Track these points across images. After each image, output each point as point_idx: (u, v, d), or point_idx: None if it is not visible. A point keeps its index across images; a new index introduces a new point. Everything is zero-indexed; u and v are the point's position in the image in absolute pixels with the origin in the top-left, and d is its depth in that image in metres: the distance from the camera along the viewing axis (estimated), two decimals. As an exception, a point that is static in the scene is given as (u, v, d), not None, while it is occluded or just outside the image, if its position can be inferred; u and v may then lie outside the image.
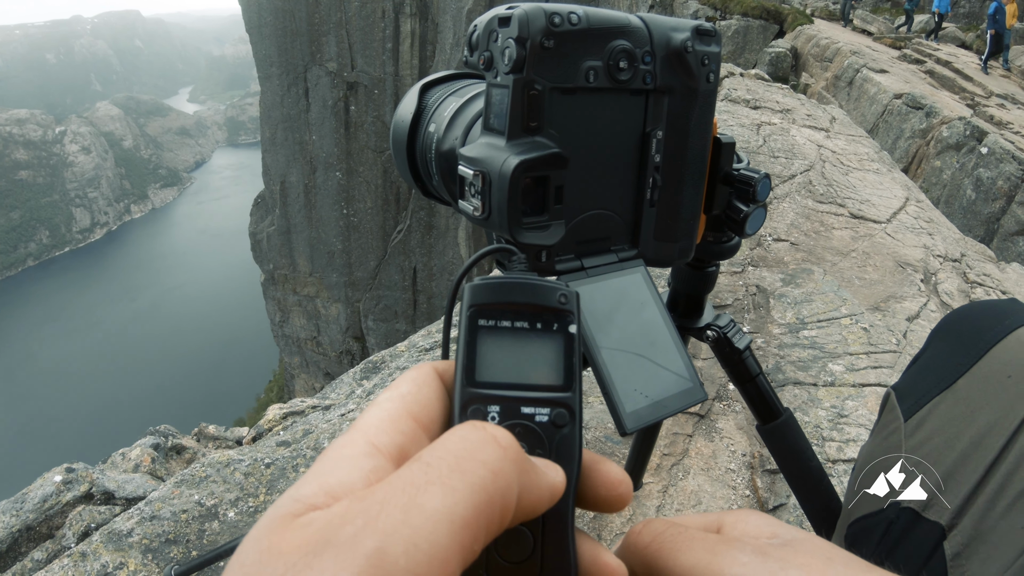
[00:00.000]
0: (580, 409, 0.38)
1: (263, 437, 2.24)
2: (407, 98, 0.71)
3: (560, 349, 0.38)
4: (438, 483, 0.27)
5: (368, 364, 2.73)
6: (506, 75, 0.50)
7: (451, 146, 0.63)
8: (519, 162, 0.48)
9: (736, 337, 0.93)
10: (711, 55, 0.58)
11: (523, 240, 0.51)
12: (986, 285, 3.86)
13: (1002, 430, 0.79)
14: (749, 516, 0.41)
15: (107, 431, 43.60)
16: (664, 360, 0.54)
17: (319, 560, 0.25)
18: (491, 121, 0.52)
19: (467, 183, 0.52)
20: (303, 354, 30.46)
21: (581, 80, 0.51)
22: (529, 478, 0.31)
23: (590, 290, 0.55)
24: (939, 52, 14.50)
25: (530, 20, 0.48)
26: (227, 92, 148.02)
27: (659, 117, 0.57)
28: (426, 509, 0.26)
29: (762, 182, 0.71)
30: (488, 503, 0.28)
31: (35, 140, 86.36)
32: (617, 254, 0.58)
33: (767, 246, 3.68)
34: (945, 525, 0.77)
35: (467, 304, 0.38)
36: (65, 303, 66.99)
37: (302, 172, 26.47)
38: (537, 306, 0.39)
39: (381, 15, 23.59)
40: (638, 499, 1.95)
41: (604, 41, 0.52)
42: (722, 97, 6.58)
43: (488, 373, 0.37)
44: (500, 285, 0.39)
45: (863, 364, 2.58)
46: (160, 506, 1.77)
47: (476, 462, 0.29)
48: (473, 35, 0.55)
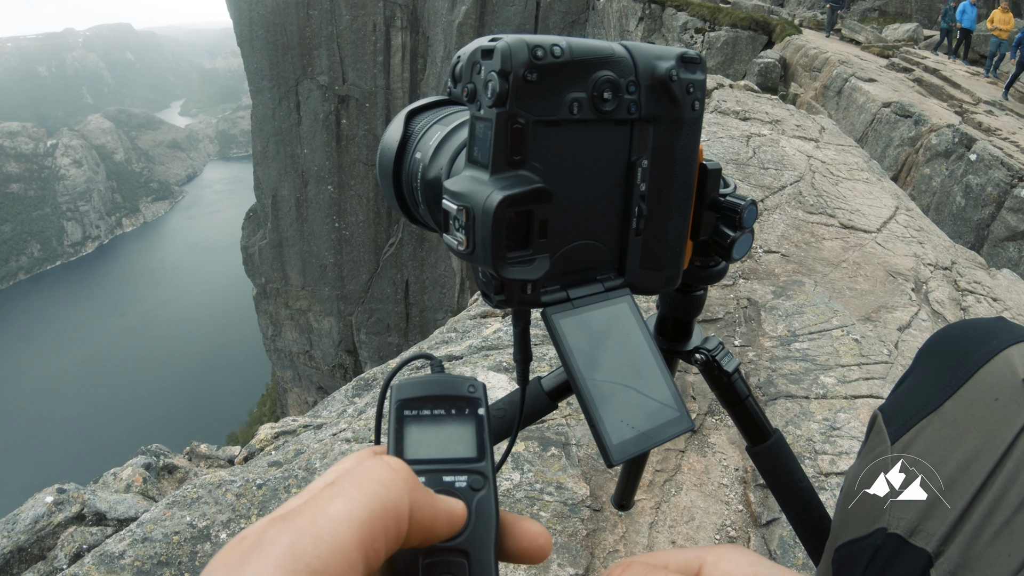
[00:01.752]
0: (493, 474, 0.44)
1: (255, 457, 2.22)
2: (393, 125, 0.71)
3: (472, 428, 0.45)
4: (340, 495, 0.34)
5: (360, 381, 2.72)
6: (489, 108, 0.49)
7: (436, 175, 0.63)
8: (503, 198, 0.48)
9: (725, 360, 0.93)
10: (696, 83, 0.57)
11: (507, 275, 0.50)
12: (977, 292, 3.88)
13: (989, 455, 0.79)
14: (731, 555, 0.41)
15: (99, 447, 43.28)
16: (650, 390, 0.54)
17: (249, 560, 0.31)
18: (475, 154, 0.52)
19: (451, 217, 0.51)
20: (296, 368, 30.35)
21: (565, 112, 0.51)
22: (422, 497, 0.37)
23: (576, 321, 0.54)
24: (927, 60, 14.63)
25: (513, 53, 0.48)
26: (219, 105, 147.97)
27: (644, 146, 0.57)
28: (329, 513, 0.33)
29: (748, 209, 0.71)
30: (382, 509, 0.34)
31: (27, 153, 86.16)
32: (603, 283, 0.58)
33: (758, 258, 3.70)
34: (932, 552, 0.76)
35: (394, 400, 0.46)
36: (56, 317, 66.62)
37: (294, 185, 26.46)
38: (450, 396, 0.46)
39: (372, 28, 23.66)
40: (631, 516, 1.94)
41: (588, 72, 0.52)
42: (712, 109, 6.62)
43: (414, 451, 0.44)
44: (420, 383, 0.46)
45: (855, 376, 2.59)
46: (152, 528, 1.76)
47: (371, 479, 0.35)
48: (456, 67, 0.55)
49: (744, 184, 4.70)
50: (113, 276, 75.67)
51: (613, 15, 19.98)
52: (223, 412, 45.83)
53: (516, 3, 21.91)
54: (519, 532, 0.42)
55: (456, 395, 0.46)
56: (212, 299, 65.48)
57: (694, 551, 0.43)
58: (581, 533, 1.84)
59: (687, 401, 2.41)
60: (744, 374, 2.59)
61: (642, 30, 18.53)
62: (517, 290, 0.53)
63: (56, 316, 66.86)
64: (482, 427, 0.45)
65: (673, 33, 17.67)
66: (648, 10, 18.43)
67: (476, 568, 0.39)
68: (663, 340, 0.97)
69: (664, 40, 18.04)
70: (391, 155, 0.70)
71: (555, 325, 0.53)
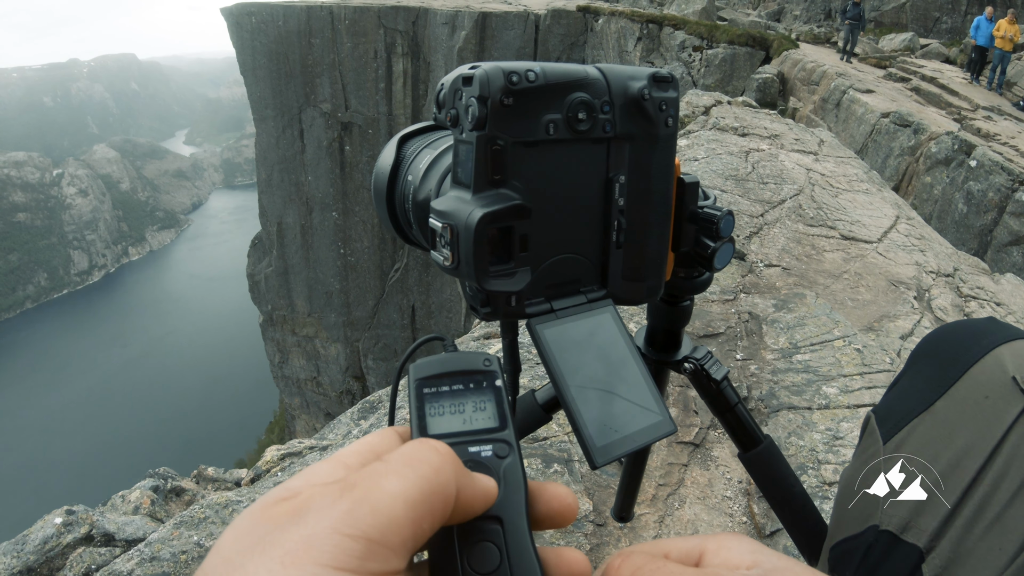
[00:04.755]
0: (517, 442, 0.45)
1: (261, 478, 2.24)
2: (387, 149, 0.74)
3: (492, 399, 0.47)
4: (395, 472, 0.36)
5: (365, 404, 2.73)
6: (470, 132, 0.52)
7: (426, 196, 0.66)
8: (483, 215, 0.51)
9: (713, 368, 0.96)
10: (668, 100, 0.60)
11: (490, 288, 0.53)
12: (980, 298, 3.88)
13: (980, 452, 0.80)
14: (731, 542, 0.43)
15: (108, 474, 43.15)
16: (633, 395, 0.56)
17: (303, 518, 0.32)
18: (459, 175, 0.55)
19: (438, 235, 0.54)
20: (303, 395, 30.27)
21: (542, 133, 0.54)
22: (465, 479, 0.39)
23: (559, 331, 0.57)
24: (924, 69, 14.69)
25: (490, 80, 0.51)
26: (223, 134, 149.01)
27: (621, 163, 0.60)
28: (385, 488, 0.34)
29: (725, 219, 0.74)
30: (432, 491, 0.36)
31: (33, 183, 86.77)
32: (586, 295, 0.61)
33: (759, 272, 3.71)
34: (923, 548, 0.78)
35: (413, 379, 0.47)
36: (65, 345, 66.72)
37: (299, 213, 26.54)
38: (467, 371, 0.48)
39: (373, 56, 23.87)
40: (634, 530, 1.94)
41: (563, 95, 0.55)
42: (710, 126, 6.67)
43: (437, 427, 0.45)
44: (437, 361, 0.48)
45: (857, 385, 2.59)
46: (160, 547, 1.78)
47: (422, 461, 0.37)
48: (440, 94, 0.58)
49: (743, 199, 4.72)
50: (120, 305, 75.83)
51: (611, 36, 20.14)
52: (232, 439, 45.71)
53: (515, 27, 22.10)
54: (547, 496, 0.44)
55: (473, 369, 0.48)
56: (219, 327, 65.55)
57: (694, 539, 0.44)
58: (584, 548, 1.85)
59: (689, 416, 2.42)
60: (746, 386, 2.61)
61: (640, 50, 18.66)
62: (502, 302, 0.55)
63: (64, 344, 67.00)
64: (501, 398, 0.47)
65: (671, 52, 17.79)
66: (646, 30, 18.57)
67: (511, 532, 0.41)
68: (653, 351, 0.99)
69: (663, 59, 18.17)
70: (384, 178, 0.73)
71: (538, 335, 0.56)
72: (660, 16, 18.95)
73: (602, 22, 20.73)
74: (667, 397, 2.55)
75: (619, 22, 19.68)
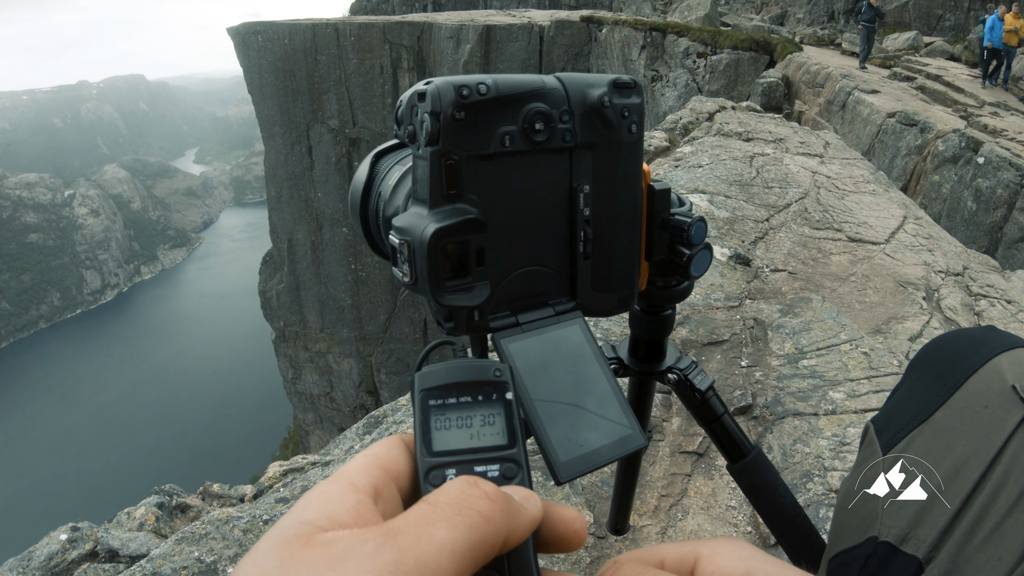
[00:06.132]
0: (526, 461, 0.43)
1: (263, 494, 2.24)
2: (361, 167, 0.74)
3: (501, 414, 0.45)
4: (444, 520, 0.34)
5: (371, 419, 2.73)
6: (425, 147, 0.52)
7: (394, 212, 0.65)
8: (435, 230, 0.50)
9: (697, 379, 0.94)
10: (631, 107, 0.60)
11: (447, 303, 0.52)
12: (990, 296, 3.84)
13: (979, 461, 0.79)
14: (726, 548, 0.41)
15: (119, 492, 43.28)
16: (601, 409, 0.55)
17: (343, 566, 0.31)
18: (417, 191, 0.54)
19: (397, 251, 0.54)
20: (317, 410, 30.33)
21: (497, 146, 0.53)
22: (514, 521, 0.37)
23: (524, 345, 0.56)
24: (928, 67, 14.63)
25: (441, 94, 0.51)
26: (232, 152, 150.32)
27: (584, 172, 0.59)
28: (434, 538, 0.33)
29: (696, 225, 0.73)
30: (480, 542, 0.34)
31: (44, 203, 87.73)
32: (554, 307, 0.60)
33: (764, 277, 3.69)
34: (922, 558, 0.76)
35: (417, 390, 0.45)
36: (78, 365, 67.20)
37: (309, 229, 26.67)
38: (475, 382, 0.46)
39: (379, 71, 24.02)
40: (636, 542, 1.92)
41: (518, 106, 0.54)
42: (714, 132, 6.66)
43: (442, 443, 0.43)
44: (443, 370, 0.46)
45: (864, 389, 2.56)
46: (161, 563, 1.78)
47: (472, 509, 0.35)
48: (399, 110, 0.58)
49: (748, 204, 4.70)
50: (134, 324, 76.37)
51: (615, 45, 20.20)
52: (246, 456, 45.83)
53: (520, 39, 22.20)
54: (554, 519, 0.41)
55: (482, 380, 0.46)
56: (232, 344, 65.86)
57: (689, 545, 0.43)
58: (585, 560, 1.84)
59: (692, 425, 2.40)
60: (751, 393, 2.58)
61: (644, 58, 18.70)
62: (464, 317, 0.55)
63: (78, 363, 67.51)
64: (511, 411, 0.45)
65: (675, 59, 17.81)
66: (650, 38, 18.61)
67: (515, 559, 0.39)
68: (636, 362, 0.98)
69: (667, 66, 18.19)
70: (358, 195, 0.73)
71: (503, 349, 0.55)
72: (663, 24, 18.99)
73: (606, 31, 20.80)
74: (669, 406, 2.53)
75: (623, 31, 19.73)
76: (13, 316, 77.91)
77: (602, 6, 30.70)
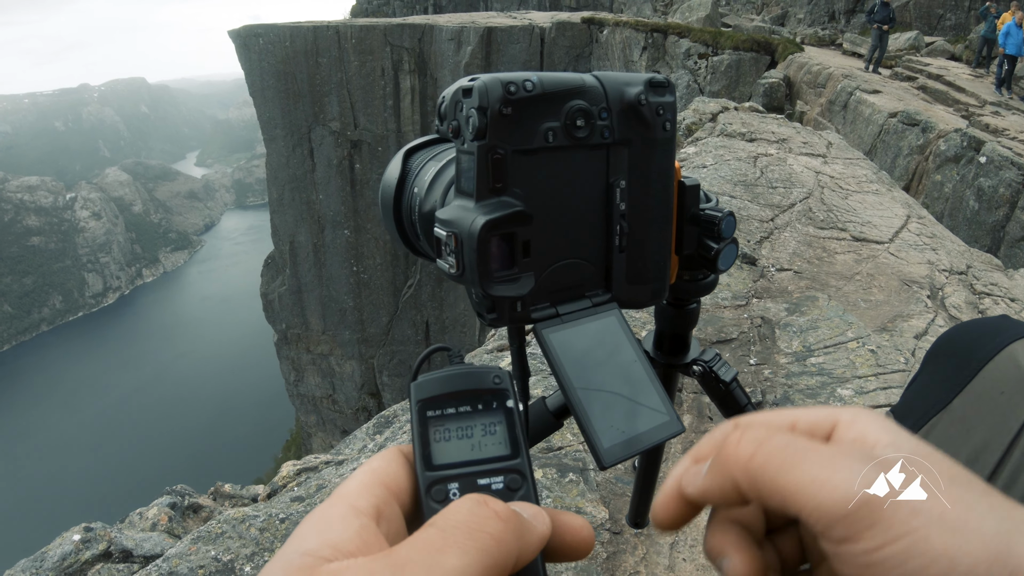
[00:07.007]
0: (531, 471, 0.43)
1: (278, 493, 2.26)
2: (393, 163, 0.76)
3: (503, 423, 0.44)
4: (454, 546, 0.32)
5: (380, 419, 2.75)
6: (471, 142, 0.54)
7: (432, 207, 0.67)
8: (485, 222, 0.52)
9: (722, 370, 0.96)
10: (665, 105, 0.61)
11: (495, 293, 0.54)
12: (994, 295, 3.85)
13: (997, 446, 0.80)
14: (866, 416, 0.39)
15: (126, 493, 43.27)
16: (640, 396, 0.57)
17: None
18: (462, 184, 0.56)
19: (443, 243, 0.56)
20: (319, 412, 30.33)
21: (540, 141, 0.55)
22: (524, 540, 0.36)
23: (566, 335, 0.58)
24: (930, 67, 14.64)
25: (488, 90, 0.53)
26: (233, 155, 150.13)
27: (621, 168, 0.61)
28: (445, 567, 0.31)
29: (726, 220, 0.75)
30: (492, 565, 0.33)
31: (46, 206, 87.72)
32: (591, 299, 0.61)
33: (771, 277, 3.70)
34: None
35: (414, 400, 0.44)
36: (80, 368, 67.20)
37: (310, 231, 26.68)
38: (475, 390, 0.44)
39: (381, 73, 24.04)
40: (651, 538, 1.94)
41: (560, 103, 0.56)
42: (718, 132, 6.67)
43: (442, 456, 0.42)
44: (440, 379, 0.44)
45: (872, 386, 2.58)
46: (178, 562, 1.79)
47: (483, 532, 0.34)
48: (442, 106, 0.60)
49: (753, 204, 4.72)
50: (136, 326, 76.36)
51: (617, 46, 20.22)
52: (249, 458, 45.79)
53: (521, 40, 22.22)
54: (561, 528, 0.40)
55: (481, 388, 0.44)
56: (234, 346, 65.80)
57: (824, 410, 0.40)
58: (601, 556, 1.85)
59: (704, 422, 2.42)
60: (760, 391, 2.60)
61: (646, 59, 18.72)
62: (507, 308, 0.56)
63: (81, 366, 67.52)
64: (513, 420, 0.44)
65: (676, 60, 17.84)
66: (651, 39, 18.64)
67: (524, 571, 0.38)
68: (661, 355, 0.99)
69: (668, 67, 18.21)
70: (391, 192, 0.74)
71: (545, 339, 0.57)
72: (665, 25, 19.03)
73: (607, 33, 20.82)
74: (680, 403, 2.55)
75: (624, 32, 19.76)
76: (15, 319, 77.91)
77: (603, 7, 30.75)
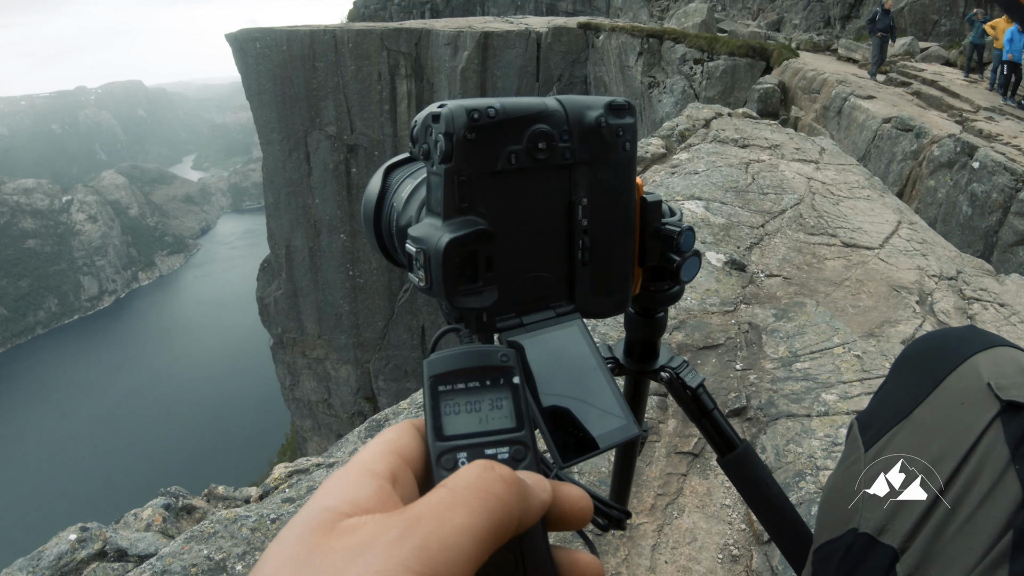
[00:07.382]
0: (535, 443, 0.46)
1: (269, 495, 2.29)
2: (374, 179, 0.80)
3: (508, 398, 0.47)
4: (463, 505, 0.36)
5: (372, 423, 2.77)
6: (439, 165, 0.58)
7: (407, 222, 0.71)
8: (449, 240, 0.56)
9: (688, 376, 1.00)
10: (625, 127, 0.66)
11: (460, 305, 0.58)
12: (983, 300, 3.89)
13: (954, 455, 0.83)
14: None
15: (121, 495, 43.19)
16: (598, 401, 0.60)
17: (371, 552, 0.32)
18: (431, 203, 0.60)
19: (413, 258, 0.60)
20: (315, 417, 30.29)
21: (504, 164, 0.59)
22: (527, 504, 0.39)
23: (528, 344, 0.62)
24: (924, 72, 14.71)
25: (454, 117, 0.57)
26: (230, 159, 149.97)
27: (582, 186, 0.65)
28: (455, 522, 0.34)
29: (684, 234, 0.79)
30: (498, 524, 0.36)
31: (42, 209, 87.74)
32: (555, 310, 0.65)
33: (759, 283, 3.74)
34: (898, 548, 0.81)
35: (427, 376, 0.47)
36: (76, 370, 67.06)
37: (306, 235, 26.67)
38: (483, 367, 0.48)
39: (377, 78, 24.07)
40: (632, 540, 1.97)
41: (523, 127, 0.60)
42: (711, 139, 6.72)
43: (453, 428, 0.45)
44: (451, 356, 0.48)
45: (857, 391, 2.62)
46: (171, 561, 1.83)
47: (490, 493, 0.37)
48: (414, 130, 0.64)
49: (744, 211, 4.76)
50: (131, 329, 76.24)
51: (612, 51, 20.29)
52: (244, 462, 45.73)
53: (517, 46, 22.29)
54: (561, 498, 0.43)
55: (489, 365, 0.48)
56: (230, 350, 65.69)
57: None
58: (587, 557, 1.88)
59: (688, 427, 2.45)
60: (745, 396, 2.63)
61: (641, 64, 18.79)
62: (473, 318, 0.60)
63: (76, 369, 67.38)
64: (518, 395, 0.47)
65: (672, 65, 17.90)
66: (647, 44, 18.70)
67: (527, 536, 0.41)
68: (631, 362, 1.03)
69: (664, 73, 18.27)
70: (372, 206, 0.79)
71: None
72: (660, 30, 19.09)
73: (603, 38, 20.90)
74: (665, 408, 2.59)
75: (620, 38, 19.83)
76: (10, 322, 77.81)
77: (599, 13, 30.86)
